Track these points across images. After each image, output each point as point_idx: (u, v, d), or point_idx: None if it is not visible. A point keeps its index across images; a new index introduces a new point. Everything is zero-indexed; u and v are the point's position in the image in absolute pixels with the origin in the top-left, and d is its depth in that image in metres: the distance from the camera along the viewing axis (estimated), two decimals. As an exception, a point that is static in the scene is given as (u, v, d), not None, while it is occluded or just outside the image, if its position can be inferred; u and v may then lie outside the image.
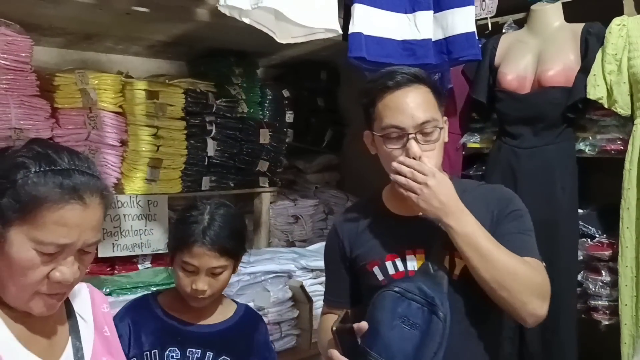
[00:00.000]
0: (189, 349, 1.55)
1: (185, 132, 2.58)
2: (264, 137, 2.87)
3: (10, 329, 1.06)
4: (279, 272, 2.34)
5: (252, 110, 2.93)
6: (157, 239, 2.48)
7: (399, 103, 1.39)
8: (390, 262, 1.47)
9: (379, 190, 1.60)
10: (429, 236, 1.42)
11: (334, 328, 1.34)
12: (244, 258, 2.28)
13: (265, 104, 3.04)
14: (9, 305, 1.07)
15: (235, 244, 1.56)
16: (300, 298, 2.37)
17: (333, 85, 3.49)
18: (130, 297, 1.99)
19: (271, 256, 2.41)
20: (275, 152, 2.93)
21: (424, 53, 1.98)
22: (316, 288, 2.45)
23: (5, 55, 2.10)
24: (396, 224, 1.49)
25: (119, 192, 2.41)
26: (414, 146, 1.37)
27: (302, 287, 2.35)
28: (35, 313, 1.08)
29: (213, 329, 1.59)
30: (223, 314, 1.64)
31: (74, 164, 1.06)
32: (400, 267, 1.46)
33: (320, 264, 2.50)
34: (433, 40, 2.01)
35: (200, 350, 1.55)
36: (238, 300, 2.26)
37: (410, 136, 1.38)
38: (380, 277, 1.47)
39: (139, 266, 2.43)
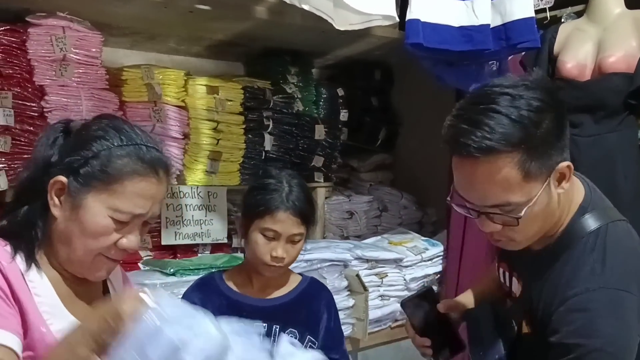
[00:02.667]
0: (254, 324, 1.56)
1: (244, 126, 2.65)
2: (319, 133, 2.91)
3: (56, 291, 1.13)
4: (335, 261, 2.36)
5: (307, 108, 2.99)
6: (216, 229, 2.55)
7: (466, 175, 1.14)
8: (501, 270, 1.39)
9: None
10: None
11: (401, 302, 1.46)
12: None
13: (320, 103, 3.09)
14: (59, 268, 1.14)
15: (312, 212, 1.60)
16: (356, 287, 2.39)
17: (387, 85, 3.52)
18: (193, 277, 2.05)
19: (327, 245, 2.44)
20: (330, 148, 2.98)
21: (482, 39, 1.99)
22: (372, 278, 2.47)
23: (77, 50, 2.21)
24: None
25: (180, 183, 2.49)
26: (485, 226, 1.18)
27: (357, 276, 2.37)
28: (93, 276, 1.16)
29: (277, 301, 1.61)
30: (287, 286, 1.66)
31: (148, 141, 1.16)
32: (507, 281, 1.37)
33: (376, 254, 2.52)
34: (491, 26, 2.02)
35: (266, 324, 1.56)
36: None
37: (481, 215, 1.16)
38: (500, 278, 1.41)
39: (199, 255, 2.50)
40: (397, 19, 1.98)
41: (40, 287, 1.10)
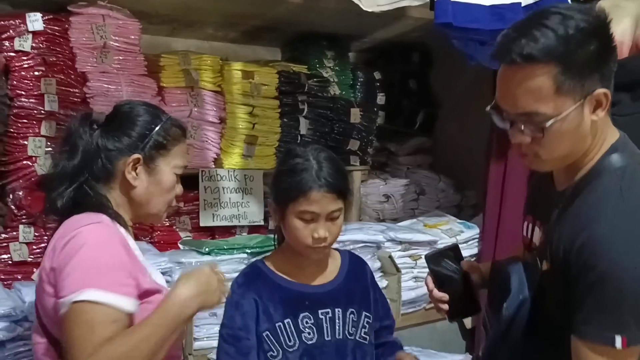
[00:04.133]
0: (319, 311, 1.52)
1: (279, 110, 2.70)
2: (355, 116, 2.93)
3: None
4: (368, 242, 2.38)
5: (343, 92, 3.01)
6: (253, 212, 2.61)
7: (505, 81, 1.18)
8: (526, 222, 1.40)
9: None
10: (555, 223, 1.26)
11: (426, 255, 1.45)
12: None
13: (357, 87, 3.11)
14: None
15: (346, 184, 1.52)
16: (389, 268, 2.41)
17: (425, 68, 3.49)
18: (228, 256, 2.12)
19: (360, 227, 2.46)
20: (366, 131, 2.99)
21: (513, 17, 1.96)
22: (405, 260, 2.48)
23: (116, 38, 2.30)
24: (550, 190, 1.31)
25: (218, 166, 2.56)
26: (515, 136, 1.20)
27: (390, 257, 2.39)
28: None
29: (334, 284, 1.56)
30: (334, 265, 1.60)
31: None
32: (529, 233, 1.38)
33: (410, 236, 2.53)
34: (522, 4, 1.98)
35: (329, 310, 1.52)
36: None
37: (510, 123, 1.19)
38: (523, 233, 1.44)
39: (236, 236, 2.56)
40: (427, -1, 1.97)
41: (133, 246, 1.38)
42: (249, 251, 2.16)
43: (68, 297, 1.18)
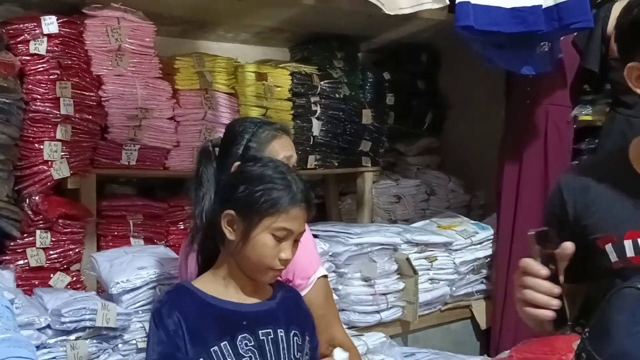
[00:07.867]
0: (259, 331, 1.35)
1: (292, 112, 2.69)
2: (367, 117, 2.93)
3: None
4: (385, 245, 2.38)
5: (353, 93, 3.00)
6: (267, 213, 2.59)
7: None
8: (630, 241, 1.14)
9: (625, 143, 1.23)
10: None
11: (534, 231, 1.08)
12: (351, 229, 2.38)
13: (367, 87, 3.11)
14: None
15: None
16: (406, 270, 2.41)
17: (433, 68, 3.50)
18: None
19: (377, 229, 2.46)
20: (377, 132, 2.99)
21: (534, 20, 1.96)
22: (421, 262, 2.48)
23: (131, 41, 2.28)
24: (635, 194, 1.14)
25: (232, 168, 2.54)
26: None
27: (407, 259, 2.39)
28: None
29: (271, 304, 1.40)
30: (268, 285, 1.44)
31: None
32: (637, 250, 1.12)
33: (426, 238, 2.53)
34: (543, 7, 1.99)
35: (271, 330, 1.37)
36: (346, 269, 2.34)
37: None
38: (614, 258, 1.16)
39: (250, 238, 2.55)
40: (447, 2, 1.96)
41: None
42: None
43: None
